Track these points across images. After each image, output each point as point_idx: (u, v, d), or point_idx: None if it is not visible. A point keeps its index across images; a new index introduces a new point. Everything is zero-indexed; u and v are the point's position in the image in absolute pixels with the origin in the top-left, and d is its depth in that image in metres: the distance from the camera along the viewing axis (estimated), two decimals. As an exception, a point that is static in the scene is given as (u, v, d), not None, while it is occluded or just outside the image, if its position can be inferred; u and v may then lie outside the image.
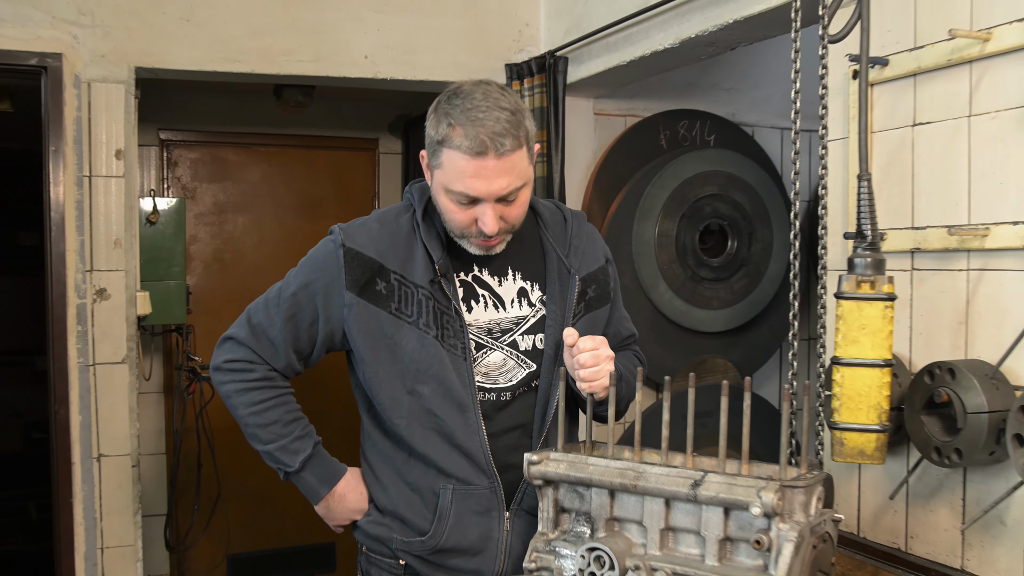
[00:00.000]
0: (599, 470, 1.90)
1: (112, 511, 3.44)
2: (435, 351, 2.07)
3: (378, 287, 2.08)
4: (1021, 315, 2.05)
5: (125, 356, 3.44)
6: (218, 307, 5.09)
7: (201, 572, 5.12)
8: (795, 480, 1.73)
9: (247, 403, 2.15)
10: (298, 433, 2.17)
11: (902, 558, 2.33)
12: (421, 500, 2.15)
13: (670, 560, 1.81)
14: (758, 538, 1.70)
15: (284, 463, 2.16)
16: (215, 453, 4.84)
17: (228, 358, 2.17)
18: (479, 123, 1.91)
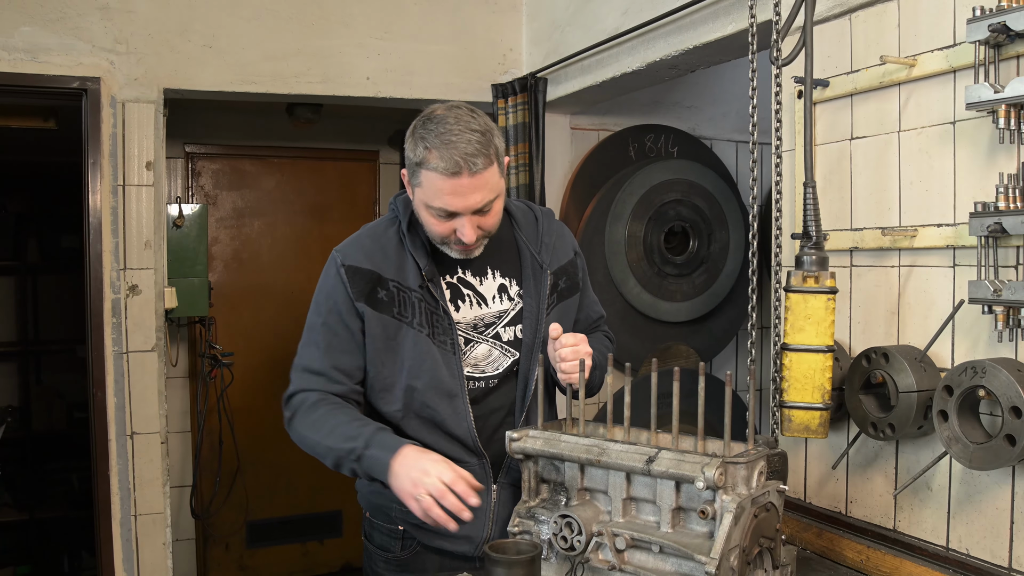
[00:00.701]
0: (569, 446, 1.91)
1: (144, 482, 3.42)
2: (427, 348, 2.07)
3: (380, 295, 2.07)
4: (945, 306, 2.05)
5: (154, 345, 3.43)
6: (237, 301, 5.08)
7: (223, 537, 5.10)
8: (737, 456, 1.73)
9: (309, 425, 2.04)
10: (359, 423, 2.02)
11: (843, 520, 2.33)
12: None
13: (630, 527, 1.82)
14: (703, 508, 1.71)
15: (351, 448, 1.97)
16: (235, 431, 4.84)
17: (288, 406, 2.12)
18: (452, 146, 1.90)
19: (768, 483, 1.80)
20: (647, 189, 4.04)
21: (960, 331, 2.02)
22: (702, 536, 1.75)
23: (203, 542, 5.09)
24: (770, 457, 1.84)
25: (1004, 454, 1.79)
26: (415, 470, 1.88)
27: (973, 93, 1.86)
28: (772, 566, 1.85)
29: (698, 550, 1.69)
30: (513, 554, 1.72)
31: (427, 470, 1.87)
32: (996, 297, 1.83)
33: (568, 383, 2.06)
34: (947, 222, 2.04)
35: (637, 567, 1.79)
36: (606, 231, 4.00)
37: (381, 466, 1.93)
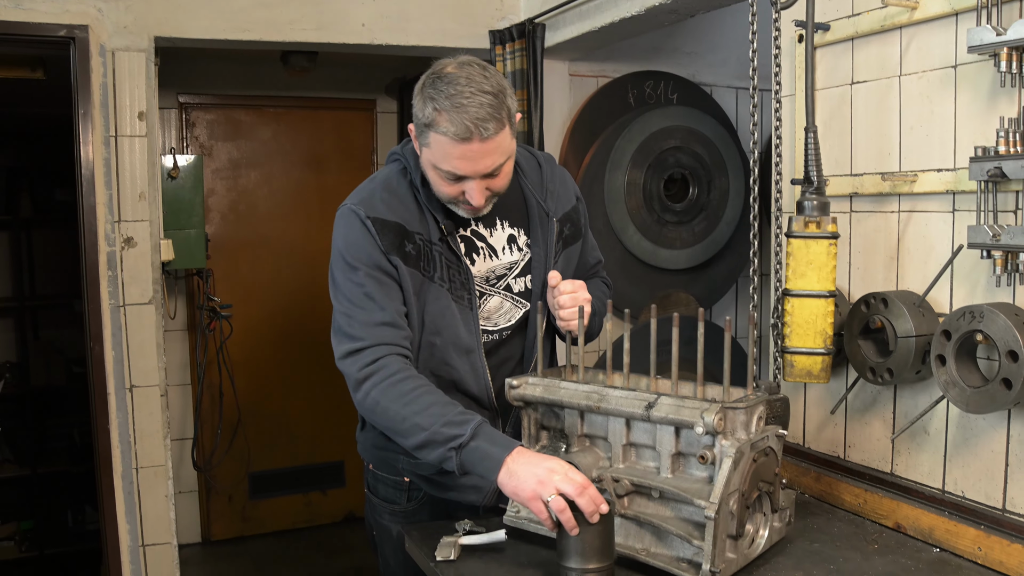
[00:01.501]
0: (569, 393, 1.93)
1: (144, 435, 3.46)
2: (447, 303, 2.06)
3: (407, 248, 2.02)
4: (944, 251, 2.07)
5: (151, 297, 3.45)
6: (235, 253, 5.09)
7: (226, 488, 5.17)
8: (736, 402, 1.76)
9: (397, 396, 1.91)
10: (460, 409, 1.91)
11: (841, 465, 2.37)
12: None
13: (630, 472, 1.86)
14: (702, 453, 1.74)
15: (453, 435, 1.85)
16: (235, 383, 4.88)
17: (362, 365, 1.95)
18: (463, 109, 1.85)
19: (767, 428, 1.83)
20: (646, 136, 4.04)
21: (959, 276, 2.04)
22: (701, 481, 1.79)
23: (206, 494, 5.16)
24: (772, 402, 1.87)
25: (1000, 398, 1.83)
26: (540, 468, 1.77)
27: (975, 36, 1.86)
28: (771, 510, 1.89)
29: (697, 495, 1.73)
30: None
31: (553, 469, 1.76)
32: (995, 242, 1.84)
33: (567, 330, 2.08)
34: (947, 167, 2.05)
35: (637, 512, 1.83)
36: (605, 178, 4.01)
37: (491, 461, 1.82)
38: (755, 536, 1.86)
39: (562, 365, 2.10)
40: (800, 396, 2.54)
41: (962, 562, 1.93)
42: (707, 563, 1.68)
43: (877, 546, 2.02)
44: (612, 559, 1.72)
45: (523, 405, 2.02)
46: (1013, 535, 1.88)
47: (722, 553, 1.71)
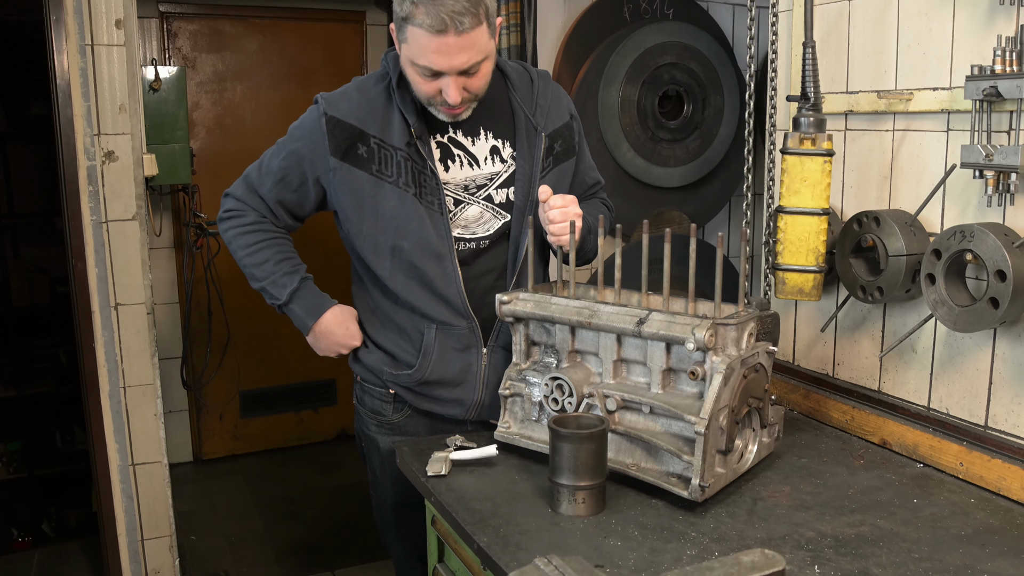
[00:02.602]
0: (560, 308, 1.96)
1: (131, 354, 3.48)
2: (413, 208, 2.09)
3: (359, 151, 2.08)
4: (937, 171, 2.09)
5: (135, 214, 3.43)
6: (221, 168, 5.06)
7: (216, 407, 5.23)
8: (728, 318, 1.79)
9: (243, 245, 2.23)
10: (286, 269, 2.24)
11: (829, 382, 2.42)
12: (408, 339, 2.21)
13: (621, 388, 1.89)
14: (693, 369, 1.78)
15: (274, 296, 2.24)
16: (224, 301, 4.89)
17: (227, 208, 2.28)
18: (439, 2, 1.87)
19: (757, 344, 1.87)
20: (641, 52, 4.02)
21: (951, 196, 2.06)
22: (692, 397, 1.83)
23: (196, 413, 5.23)
24: (763, 318, 1.90)
25: (987, 317, 1.87)
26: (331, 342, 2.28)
27: (974, -50, 1.86)
28: (760, 425, 1.94)
29: (688, 410, 1.77)
30: (575, 428, 1.75)
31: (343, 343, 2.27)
32: (988, 162, 1.86)
33: (559, 246, 2.11)
34: (943, 86, 2.06)
35: (628, 428, 1.87)
36: (599, 95, 4.00)
37: (300, 323, 2.27)
38: (744, 451, 1.91)
39: (553, 281, 2.13)
40: (791, 314, 2.58)
41: (944, 477, 2.00)
42: (696, 478, 1.72)
43: (863, 461, 2.08)
44: (604, 475, 1.76)
45: (513, 321, 2.05)
46: (993, 451, 1.94)
47: (711, 468, 1.76)
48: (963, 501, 1.87)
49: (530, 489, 1.87)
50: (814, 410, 2.40)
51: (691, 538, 1.66)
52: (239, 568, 4.04)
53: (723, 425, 1.76)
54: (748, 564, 0.98)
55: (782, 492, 1.88)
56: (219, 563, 4.08)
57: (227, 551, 4.21)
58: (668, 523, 1.72)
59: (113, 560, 3.57)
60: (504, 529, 1.69)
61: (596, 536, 1.67)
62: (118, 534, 3.55)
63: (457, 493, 1.87)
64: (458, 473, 1.96)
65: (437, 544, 2.02)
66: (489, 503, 1.81)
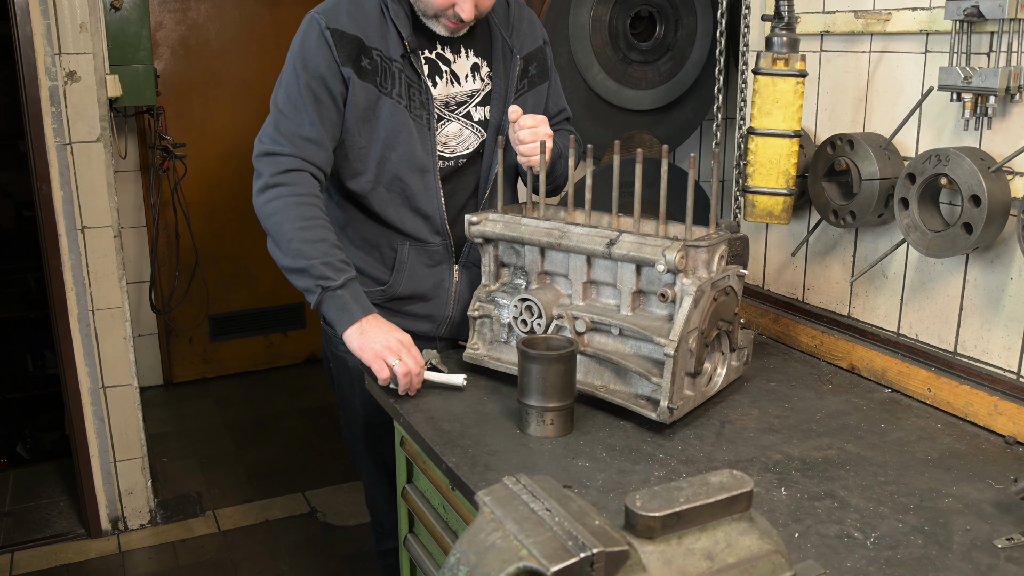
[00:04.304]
0: (530, 230, 1.94)
1: (99, 277, 3.43)
2: (404, 120, 2.07)
3: (363, 63, 2.03)
4: (913, 94, 2.05)
5: (99, 135, 3.35)
6: (186, 90, 4.94)
7: (186, 331, 5.18)
8: (698, 240, 1.77)
9: (297, 217, 1.98)
10: (342, 257, 2.01)
11: (799, 307, 2.41)
12: (379, 255, 2.20)
13: (590, 310, 1.88)
14: (663, 291, 1.76)
15: (328, 277, 1.96)
16: (191, 225, 4.82)
17: (277, 171, 2.01)
18: None
19: (728, 268, 1.85)
20: (614, -29, 3.91)
21: (927, 119, 2.02)
22: (661, 319, 1.81)
23: (166, 337, 5.18)
24: (732, 241, 1.88)
25: (960, 242, 1.84)
26: (391, 337, 1.93)
27: None
28: (729, 349, 1.93)
29: (657, 332, 1.75)
30: (544, 349, 1.74)
31: (402, 342, 1.93)
32: (966, 84, 1.82)
33: (528, 167, 2.08)
34: (922, 6, 2.01)
35: (597, 349, 1.86)
36: (570, 14, 3.90)
37: (347, 314, 1.96)
38: (713, 374, 1.91)
39: (523, 202, 2.09)
40: (761, 238, 2.55)
41: (911, 402, 2.00)
42: (665, 399, 1.71)
43: (831, 386, 2.07)
44: (572, 398, 1.75)
45: (483, 242, 2.03)
46: (961, 376, 1.94)
47: (680, 390, 1.75)
48: (930, 426, 1.87)
49: (499, 410, 1.87)
50: (783, 335, 2.39)
51: (659, 460, 1.66)
52: (210, 489, 4.03)
53: (692, 348, 1.75)
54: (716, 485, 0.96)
55: (750, 415, 1.88)
56: (191, 484, 4.08)
57: (198, 473, 4.20)
58: (636, 445, 1.72)
59: (87, 481, 3.57)
60: (473, 450, 1.69)
61: (564, 457, 1.66)
62: (90, 456, 3.55)
63: (426, 414, 1.86)
64: (427, 393, 1.95)
65: (406, 465, 2.02)
66: (458, 424, 1.81)
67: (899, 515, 1.49)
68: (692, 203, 1.77)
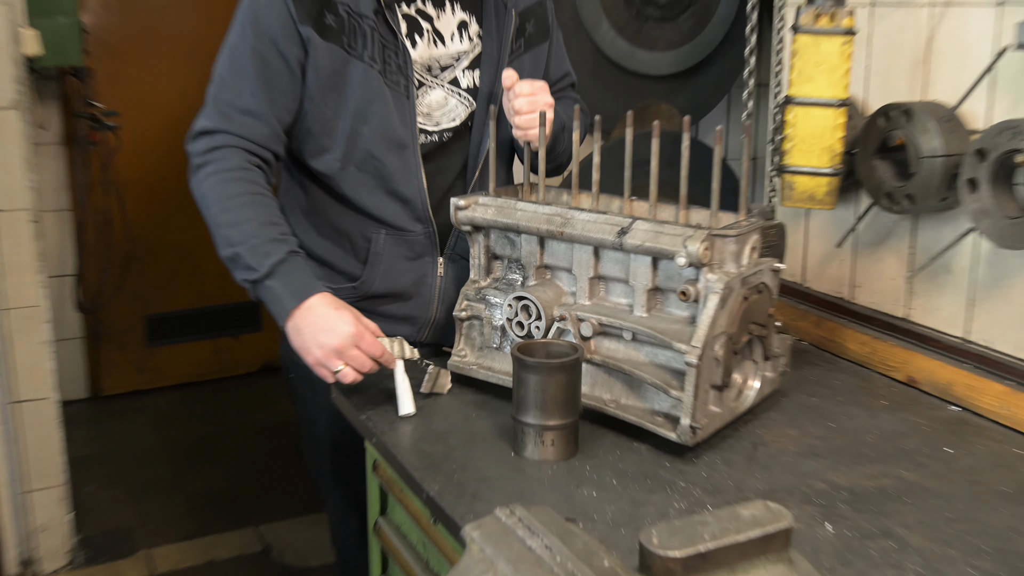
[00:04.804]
0: (527, 216, 1.94)
1: (12, 270, 3.41)
2: (378, 87, 2.06)
3: (327, 20, 2.01)
4: (984, 54, 2.05)
5: (14, 101, 3.33)
6: (121, 49, 4.93)
7: (117, 334, 5.17)
8: (726, 228, 1.76)
9: (221, 197, 1.99)
10: (273, 235, 1.98)
11: (846, 307, 2.41)
12: (350, 246, 2.20)
13: (598, 311, 1.87)
14: (684, 289, 1.75)
15: (250, 266, 1.95)
16: (126, 208, 4.81)
17: (205, 149, 2.03)
18: None
19: (761, 261, 1.85)
20: (628, -91, 3.92)
21: (1001, 85, 2.02)
22: (682, 321, 1.81)
23: (93, 341, 5.17)
24: (766, 230, 1.87)
25: (1040, 229, 1.85)
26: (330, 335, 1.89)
27: None
28: (763, 357, 1.93)
29: (677, 337, 1.74)
30: (543, 357, 1.74)
31: (343, 337, 1.88)
32: (1048, 42, 1.83)
33: (526, 142, 2.07)
34: (995, -51, 2.02)
35: (605, 357, 1.85)
36: (576, -38, 3.91)
37: (279, 308, 1.95)
38: (743, 387, 1.90)
39: (519, 183, 2.09)
40: (800, 226, 2.55)
41: (983, 422, 1.98)
42: (686, 416, 1.70)
43: (886, 402, 2.07)
44: (577, 413, 1.74)
45: (472, 230, 2.03)
46: (1046, 391, 1.93)
47: (704, 406, 1.74)
48: (1006, 451, 1.86)
49: (490, 428, 1.87)
50: (827, 340, 2.39)
51: (679, 488, 1.66)
52: (144, 523, 4.02)
53: (719, 355, 1.75)
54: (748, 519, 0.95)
55: (788, 436, 1.88)
56: (120, 518, 4.06)
57: (130, 503, 4.19)
58: (652, 470, 1.72)
59: (-8, 515, 3.54)
60: (459, 475, 1.68)
61: (567, 484, 1.66)
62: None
63: (403, 433, 1.86)
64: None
65: (379, 494, 2.01)
66: (441, 445, 1.80)
67: (971, 559, 1.48)
68: (719, 185, 1.77)
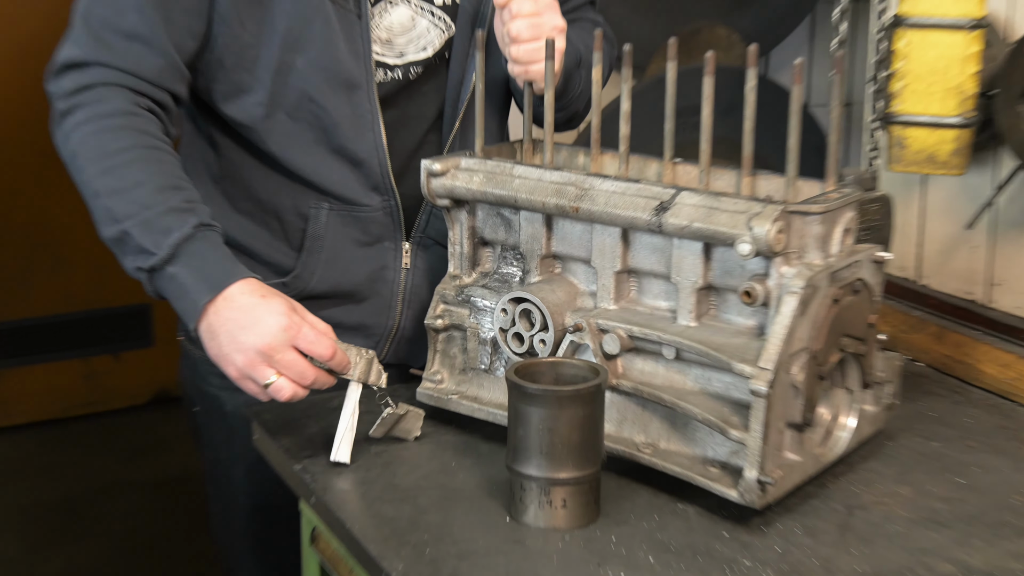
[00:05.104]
0: (528, 185, 1.93)
1: None
2: (318, 5, 2.07)
3: None
4: None
5: None
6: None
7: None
8: (808, 203, 1.76)
9: (98, 155, 1.96)
10: (175, 204, 1.94)
11: (980, 314, 2.40)
12: (280, 226, 2.22)
13: (628, 318, 1.87)
14: (748, 288, 1.74)
15: (145, 248, 1.89)
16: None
17: (74, 88, 2.00)
18: None
19: (858, 248, 1.85)
20: None
21: None
22: (746, 333, 1.81)
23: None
24: (864, 205, 1.88)
25: None
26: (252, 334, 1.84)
27: None
28: (861, 384, 1.92)
29: (739, 355, 1.74)
30: (551, 383, 1.74)
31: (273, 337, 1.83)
32: None
33: (527, 80, 2.07)
34: None
35: (638, 383, 1.85)
36: None
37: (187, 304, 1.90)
38: (833, 427, 1.90)
39: (516, 139, 2.11)
40: (914, 199, 2.56)
41: None
42: (753, 467, 1.70)
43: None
44: (599, 463, 1.74)
45: (450, 205, 2.03)
46: None
47: (778, 452, 1.74)
48: None
49: (476, 483, 1.87)
50: (953, 361, 2.39)
51: (743, 569, 1.65)
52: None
53: (798, 381, 1.74)
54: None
55: (898, 496, 1.87)
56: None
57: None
58: (705, 543, 1.71)
59: None
60: (432, 550, 1.68)
61: (585, 563, 1.66)
62: None
63: (355, 489, 1.86)
64: (358, 453, 1.94)
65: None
66: (408, 507, 1.80)
67: None
68: (798, 142, 1.76)
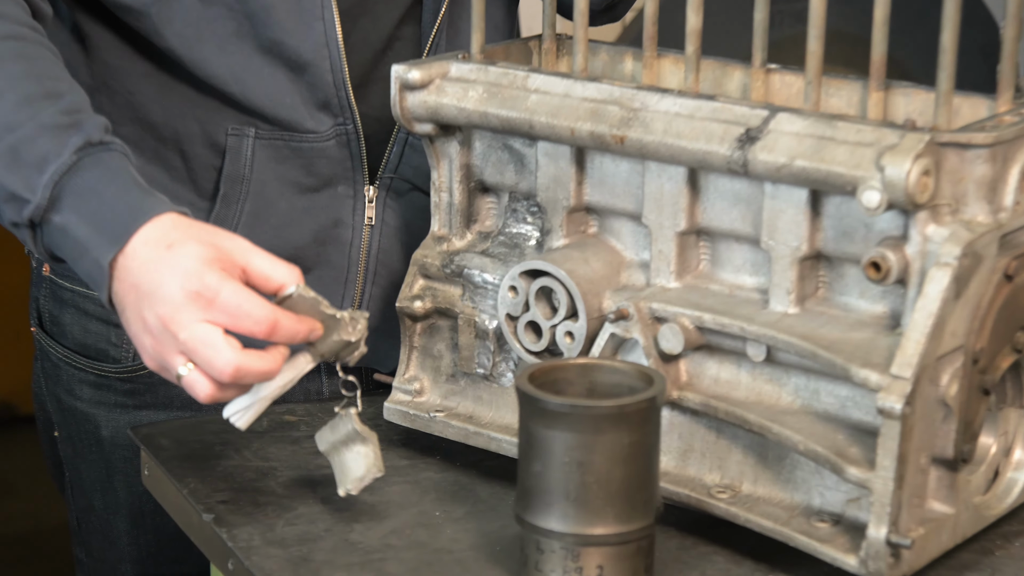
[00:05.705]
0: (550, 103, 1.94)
1: None
2: None
3: None
4: None
5: None
6: None
7: None
8: (968, 129, 1.71)
9: None
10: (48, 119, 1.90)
11: None
12: (182, 163, 2.33)
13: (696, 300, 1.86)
14: (876, 258, 1.70)
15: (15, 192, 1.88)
16: None
17: None
18: None
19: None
20: None
21: None
22: (872, 324, 1.78)
23: None
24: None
25: None
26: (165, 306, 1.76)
27: None
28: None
29: (861, 356, 1.71)
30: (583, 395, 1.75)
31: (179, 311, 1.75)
32: None
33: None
34: None
35: (711, 397, 1.84)
36: None
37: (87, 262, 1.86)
38: (1004, 464, 1.88)
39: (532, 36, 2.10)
40: None
41: None
42: (881, 523, 1.66)
43: None
44: (653, 513, 1.71)
45: (435, 132, 2.02)
46: None
47: (920, 501, 1.72)
48: None
49: (471, 542, 1.89)
50: None
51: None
52: None
53: (950, 396, 1.71)
54: None
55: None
56: None
57: None
58: (809, 634, 1.68)
59: None
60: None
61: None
62: None
63: (293, 550, 1.84)
64: (306, 497, 1.98)
65: None
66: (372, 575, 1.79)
67: None
68: (954, 38, 1.71)
